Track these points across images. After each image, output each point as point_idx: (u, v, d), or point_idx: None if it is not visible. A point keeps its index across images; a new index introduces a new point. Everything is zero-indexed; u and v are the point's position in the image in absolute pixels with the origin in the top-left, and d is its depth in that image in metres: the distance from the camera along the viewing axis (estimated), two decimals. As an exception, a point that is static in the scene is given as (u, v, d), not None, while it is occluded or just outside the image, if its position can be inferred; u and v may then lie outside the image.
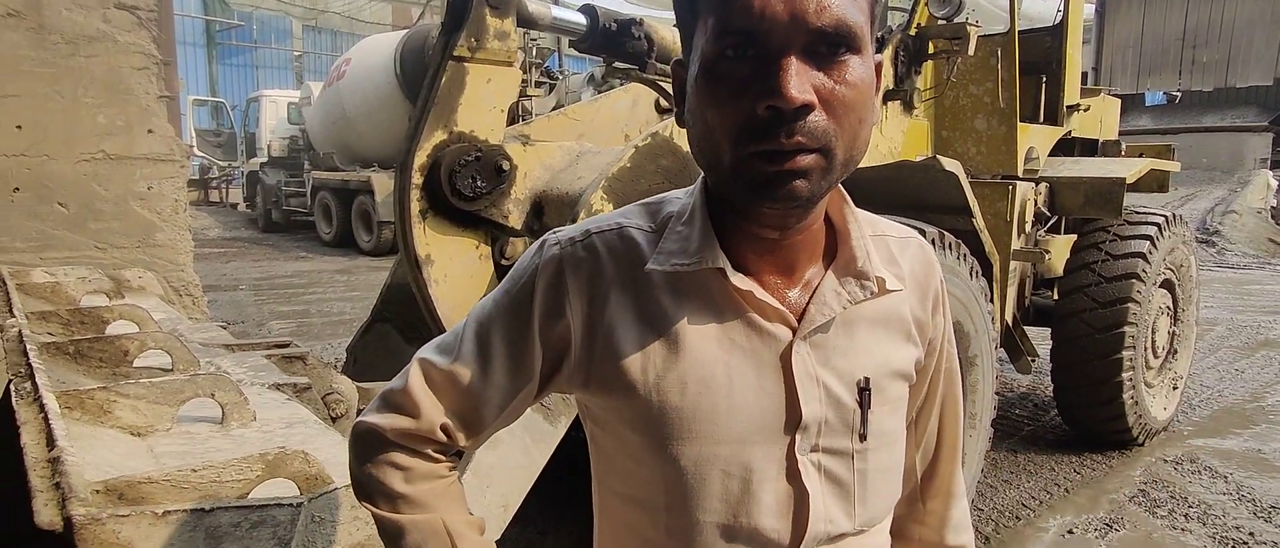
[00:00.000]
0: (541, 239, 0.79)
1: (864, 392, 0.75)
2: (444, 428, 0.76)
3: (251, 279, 9.56)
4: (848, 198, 0.77)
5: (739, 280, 0.71)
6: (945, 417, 0.90)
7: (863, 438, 0.75)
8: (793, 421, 0.73)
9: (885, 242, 0.80)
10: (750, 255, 0.73)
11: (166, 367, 1.58)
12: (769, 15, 0.61)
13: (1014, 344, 3.75)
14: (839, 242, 0.76)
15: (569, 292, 0.74)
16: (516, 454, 2.08)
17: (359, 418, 0.79)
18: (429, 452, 0.77)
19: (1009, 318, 3.65)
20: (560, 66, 12.71)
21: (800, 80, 0.61)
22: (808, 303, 0.73)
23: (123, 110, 3.18)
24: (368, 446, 0.77)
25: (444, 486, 0.78)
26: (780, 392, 0.73)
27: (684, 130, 0.72)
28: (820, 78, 0.63)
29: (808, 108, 0.62)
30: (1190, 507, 3.29)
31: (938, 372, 0.87)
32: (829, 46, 0.63)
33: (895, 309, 0.78)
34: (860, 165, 0.70)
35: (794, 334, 0.72)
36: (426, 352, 0.79)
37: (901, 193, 2.82)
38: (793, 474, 0.73)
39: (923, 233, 2.42)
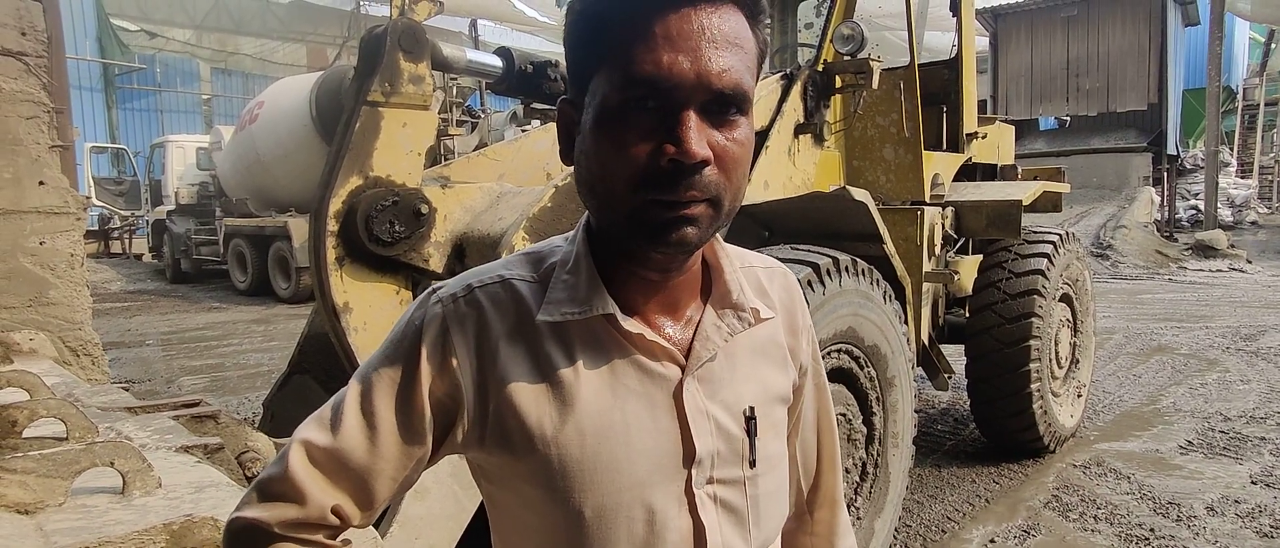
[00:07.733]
0: (422, 296, 0.77)
1: (750, 421, 0.78)
2: (336, 511, 0.73)
3: (160, 333, 9.04)
4: (718, 236, 0.81)
5: (629, 324, 0.73)
6: (822, 430, 0.95)
7: (752, 465, 0.78)
8: (688, 456, 0.75)
9: (754, 273, 0.85)
10: (637, 298, 0.75)
11: (61, 435, 1.49)
12: (676, 72, 0.65)
13: (931, 363, 3.90)
14: (713, 277, 0.80)
15: (456, 349, 0.73)
16: (445, 503, 2.03)
17: (233, 514, 0.74)
18: (320, 538, 0.74)
19: (925, 338, 3.80)
20: (482, 105, 12.68)
21: (699, 136, 0.65)
22: (692, 339, 0.76)
23: (11, 162, 3.00)
24: (250, 542, 0.72)
25: None
26: (675, 430, 0.75)
27: None
28: (715, 135, 0.67)
29: (705, 163, 0.66)
30: (1098, 508, 3.47)
31: (810, 388, 0.92)
32: (724, 108, 0.67)
33: (771, 336, 0.83)
34: (776, 197, 0.74)
35: (682, 372, 0.75)
36: (305, 431, 0.75)
37: (814, 222, 2.92)
38: (692, 509, 0.76)
39: (835, 262, 2.51)
